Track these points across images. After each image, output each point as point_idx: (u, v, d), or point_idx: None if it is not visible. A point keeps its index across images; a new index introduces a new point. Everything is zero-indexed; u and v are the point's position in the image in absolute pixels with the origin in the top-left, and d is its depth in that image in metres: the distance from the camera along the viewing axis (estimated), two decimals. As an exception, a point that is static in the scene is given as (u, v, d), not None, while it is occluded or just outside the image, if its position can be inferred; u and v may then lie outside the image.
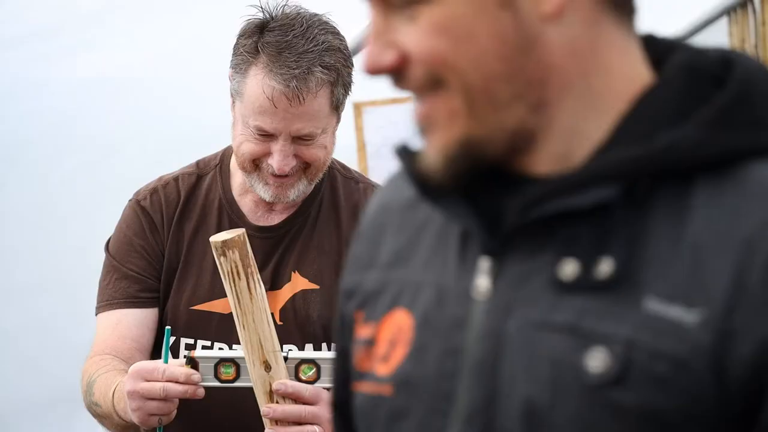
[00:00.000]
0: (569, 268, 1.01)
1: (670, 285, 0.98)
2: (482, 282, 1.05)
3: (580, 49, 1.02)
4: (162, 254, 2.36)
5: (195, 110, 4.56)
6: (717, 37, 3.42)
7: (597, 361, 0.99)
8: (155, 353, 2.33)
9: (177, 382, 2.08)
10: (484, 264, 1.05)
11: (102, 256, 2.44)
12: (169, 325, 2.31)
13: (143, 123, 4.69)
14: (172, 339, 2.30)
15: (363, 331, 1.15)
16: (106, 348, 2.31)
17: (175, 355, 2.30)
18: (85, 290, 3.02)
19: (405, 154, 1.09)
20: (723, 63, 1.05)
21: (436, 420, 1.06)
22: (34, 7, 4.84)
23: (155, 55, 4.74)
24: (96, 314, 2.39)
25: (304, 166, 2.27)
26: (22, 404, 4.45)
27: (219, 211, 2.37)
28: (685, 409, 0.97)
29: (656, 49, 1.08)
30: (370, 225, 1.20)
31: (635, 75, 1.05)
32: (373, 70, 1.03)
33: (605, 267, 1.00)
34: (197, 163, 2.44)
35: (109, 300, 2.36)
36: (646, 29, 1.09)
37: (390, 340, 1.11)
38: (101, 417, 2.27)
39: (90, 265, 2.97)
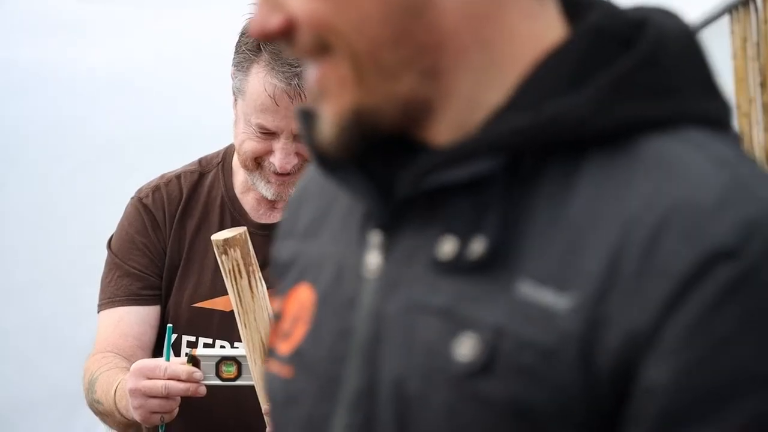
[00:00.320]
0: (447, 247, 0.93)
1: (545, 267, 0.90)
2: (373, 258, 0.98)
3: (478, 14, 0.94)
4: (164, 252, 2.36)
5: (196, 109, 4.56)
6: (719, 36, 3.43)
7: (466, 348, 0.90)
8: (157, 351, 2.33)
9: (179, 380, 2.07)
10: (375, 239, 0.98)
11: (102, 255, 2.44)
12: (170, 322, 2.31)
13: (144, 122, 4.69)
14: (174, 336, 2.30)
15: (275, 304, 1.09)
16: (108, 345, 2.32)
17: (177, 353, 2.30)
18: (84, 289, 3.02)
19: (305, 120, 1.01)
20: (638, 24, 0.95)
21: (324, 405, 0.99)
22: (35, 6, 4.84)
23: (156, 55, 4.74)
24: (98, 312, 2.39)
25: (306, 165, 2.27)
26: (21, 404, 4.45)
27: (221, 208, 2.37)
28: (554, 403, 0.88)
29: (576, 9, 0.98)
30: (297, 193, 1.15)
31: (544, 39, 0.95)
32: (260, 34, 0.97)
33: (477, 246, 0.92)
34: (199, 161, 2.44)
35: (111, 297, 2.36)
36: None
37: (294, 316, 1.05)
38: (103, 415, 2.27)
39: (90, 265, 2.97)
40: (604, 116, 0.91)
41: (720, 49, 3.40)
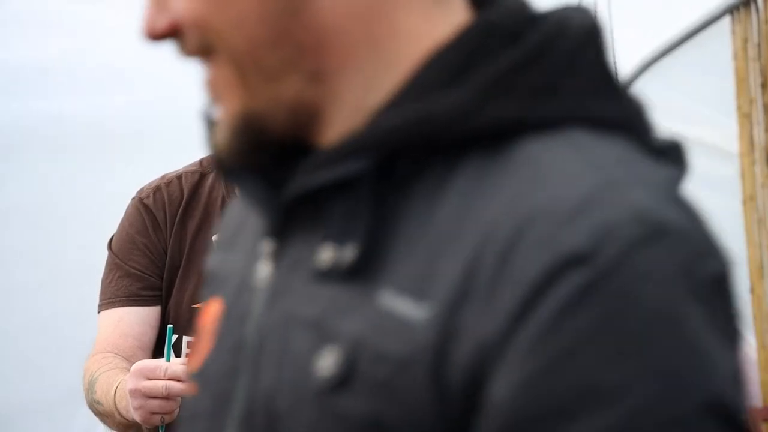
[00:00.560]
0: (325, 254, 0.88)
1: (407, 276, 0.84)
2: (263, 268, 0.94)
3: (362, 13, 0.88)
4: (165, 252, 2.36)
5: (198, 109, 4.56)
6: (719, 36, 3.42)
7: (327, 362, 0.85)
8: (157, 351, 2.33)
9: (179, 380, 2.07)
10: (267, 247, 0.94)
11: (103, 255, 2.44)
12: (171, 323, 2.31)
13: (145, 122, 4.69)
14: (174, 337, 2.30)
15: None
16: (108, 346, 2.32)
17: (178, 354, 2.30)
18: (85, 290, 3.02)
19: (209, 123, 0.96)
20: (537, 20, 0.89)
21: (217, 423, 0.93)
22: (35, 6, 4.84)
23: (157, 54, 4.74)
24: (98, 312, 2.40)
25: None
26: (21, 404, 4.45)
27: (222, 209, 2.37)
28: (407, 419, 0.82)
29: (485, 4, 0.92)
30: (231, 204, 1.12)
31: (438, 36, 0.89)
32: (150, 36, 0.94)
33: (348, 253, 0.86)
34: (201, 161, 2.45)
35: (111, 298, 2.36)
36: (648, 27, 1.01)
37: (204, 331, 1.00)
38: (103, 415, 2.27)
39: (90, 265, 2.97)
40: (479, 115, 0.85)
41: (721, 50, 3.39)
